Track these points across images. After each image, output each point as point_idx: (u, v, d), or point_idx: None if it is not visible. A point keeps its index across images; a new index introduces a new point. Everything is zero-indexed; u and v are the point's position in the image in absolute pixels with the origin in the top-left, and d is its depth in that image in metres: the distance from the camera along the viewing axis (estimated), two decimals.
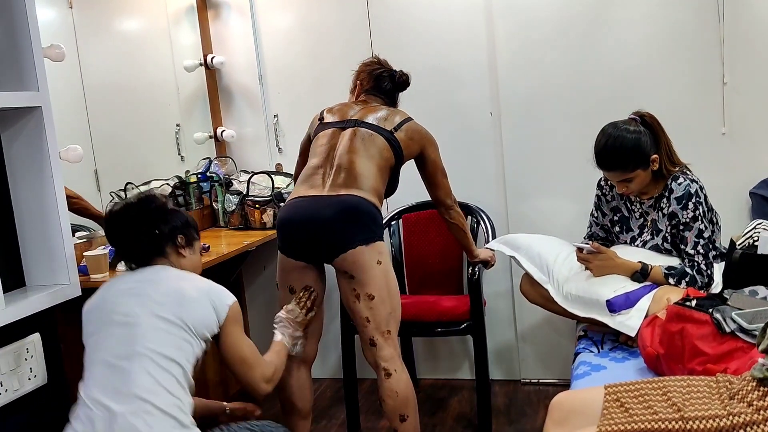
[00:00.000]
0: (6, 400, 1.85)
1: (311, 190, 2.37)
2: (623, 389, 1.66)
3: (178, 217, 1.97)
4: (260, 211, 3.24)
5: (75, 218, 2.51)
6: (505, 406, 3.16)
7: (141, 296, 1.81)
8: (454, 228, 2.72)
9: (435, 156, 2.57)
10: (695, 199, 2.33)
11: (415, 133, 2.51)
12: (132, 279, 1.89)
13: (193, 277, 1.91)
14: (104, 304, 1.85)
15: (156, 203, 1.95)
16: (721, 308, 1.93)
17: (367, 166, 2.38)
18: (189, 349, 1.79)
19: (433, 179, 2.61)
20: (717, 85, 2.92)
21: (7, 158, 1.95)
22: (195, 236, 2.02)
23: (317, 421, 3.11)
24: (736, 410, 1.49)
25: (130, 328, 1.76)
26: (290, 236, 2.37)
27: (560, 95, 3.12)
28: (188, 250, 1.97)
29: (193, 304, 1.81)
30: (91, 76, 2.79)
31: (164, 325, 1.77)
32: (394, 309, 2.37)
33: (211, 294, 1.85)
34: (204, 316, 1.82)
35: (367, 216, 2.32)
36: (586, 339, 2.43)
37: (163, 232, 1.91)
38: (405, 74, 2.67)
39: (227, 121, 3.61)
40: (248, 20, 3.48)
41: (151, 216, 1.91)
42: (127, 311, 1.79)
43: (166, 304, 1.79)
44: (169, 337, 1.76)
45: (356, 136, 2.42)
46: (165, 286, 1.83)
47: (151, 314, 1.77)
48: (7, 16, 1.86)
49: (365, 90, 2.64)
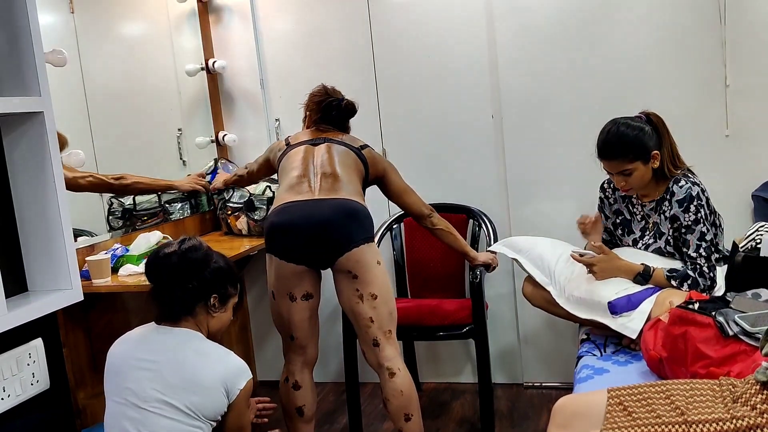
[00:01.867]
0: (8, 406, 1.84)
1: (300, 195, 2.38)
2: (626, 393, 1.65)
3: (219, 273, 1.94)
4: (234, 217, 3.24)
5: (77, 223, 2.51)
6: (508, 410, 3.15)
7: (154, 374, 1.83)
8: (442, 233, 2.76)
9: (397, 177, 2.66)
10: (697, 202, 2.33)
11: (377, 156, 2.63)
12: (151, 347, 1.88)
13: (212, 357, 1.88)
14: (122, 368, 1.88)
15: (197, 254, 1.92)
16: (724, 311, 1.92)
17: (349, 173, 2.45)
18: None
19: (402, 198, 2.68)
20: (719, 88, 2.92)
21: (9, 163, 1.95)
22: (232, 292, 1.99)
23: (319, 425, 3.10)
24: (740, 413, 1.48)
25: (142, 413, 1.81)
26: (288, 240, 2.36)
27: (561, 98, 3.12)
28: (220, 309, 1.96)
29: (206, 394, 1.83)
30: (93, 80, 2.79)
31: (174, 414, 1.81)
32: (393, 310, 2.42)
33: (227, 381, 1.86)
34: (216, 404, 1.86)
35: (364, 217, 2.38)
36: (589, 342, 2.43)
37: (196, 288, 1.90)
38: (351, 102, 2.68)
39: (229, 125, 3.61)
40: (249, 24, 3.49)
41: (191, 268, 1.90)
42: (140, 390, 1.82)
43: (179, 391, 1.81)
44: (178, 426, 1.80)
45: (331, 149, 2.50)
46: (182, 370, 1.83)
47: (162, 401, 1.80)
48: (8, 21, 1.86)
49: (314, 121, 2.66)
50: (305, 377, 2.50)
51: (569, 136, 3.10)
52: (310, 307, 2.45)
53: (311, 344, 2.49)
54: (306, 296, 2.42)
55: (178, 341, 1.88)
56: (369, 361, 2.42)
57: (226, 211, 3.26)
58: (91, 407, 2.52)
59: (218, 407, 1.86)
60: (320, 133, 2.59)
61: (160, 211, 3.10)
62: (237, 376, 1.88)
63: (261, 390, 3.51)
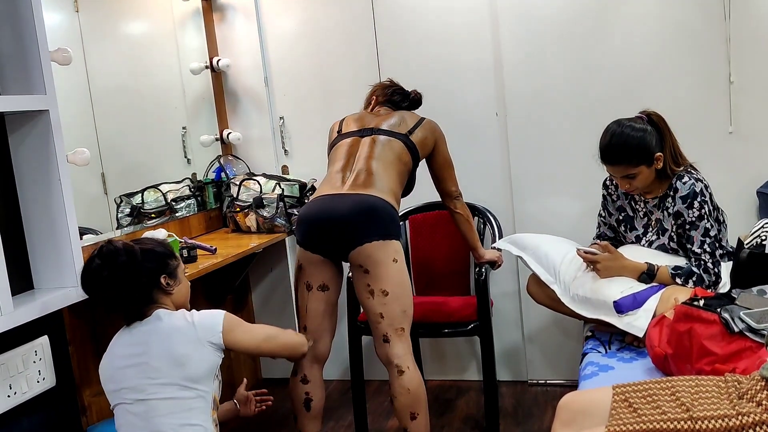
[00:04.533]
0: (15, 403, 1.85)
1: (331, 189, 2.44)
2: (631, 389, 1.65)
3: (152, 258, 1.94)
4: (243, 214, 3.25)
5: (82, 221, 2.52)
6: (513, 407, 3.15)
7: (140, 366, 1.86)
8: (461, 219, 2.79)
9: (445, 149, 2.69)
10: (700, 198, 2.33)
11: (428, 132, 2.62)
12: (128, 344, 1.91)
13: (180, 326, 1.90)
14: (113, 375, 1.91)
15: (122, 257, 1.90)
16: (729, 308, 1.92)
17: (386, 169, 2.46)
18: (203, 398, 1.87)
19: (442, 172, 2.71)
20: (723, 84, 2.91)
21: (15, 161, 1.96)
22: (174, 264, 2.00)
23: (325, 422, 3.10)
24: (745, 410, 1.48)
25: (144, 404, 1.84)
26: (308, 230, 2.42)
27: (566, 94, 3.11)
28: (174, 283, 1.97)
29: (190, 359, 1.86)
30: (98, 79, 2.80)
31: (172, 393, 1.84)
32: (407, 308, 2.40)
33: (207, 335, 1.90)
34: (210, 362, 1.89)
35: (385, 214, 2.37)
36: (594, 339, 2.43)
37: (144, 284, 1.91)
38: (418, 93, 2.79)
39: (233, 123, 3.62)
40: (254, 23, 3.49)
41: (125, 271, 1.89)
42: (133, 385, 1.85)
43: (169, 370, 1.84)
44: (179, 403, 1.84)
45: (375, 143, 2.52)
46: (158, 349, 1.86)
47: (155, 384, 1.84)
48: (14, 21, 1.87)
49: (380, 103, 2.75)
50: (314, 372, 2.50)
51: (573, 132, 3.10)
52: (325, 299, 2.47)
53: (323, 339, 2.49)
54: (322, 287, 2.45)
55: (150, 328, 1.90)
56: (379, 356, 2.43)
57: (234, 208, 3.27)
58: (96, 404, 2.53)
59: (213, 363, 1.90)
60: (373, 119, 2.62)
61: (167, 209, 3.11)
62: (212, 325, 1.91)
63: (266, 386, 3.51)
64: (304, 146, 3.53)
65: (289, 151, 3.56)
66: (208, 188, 3.39)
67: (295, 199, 3.24)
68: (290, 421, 2.64)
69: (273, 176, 3.36)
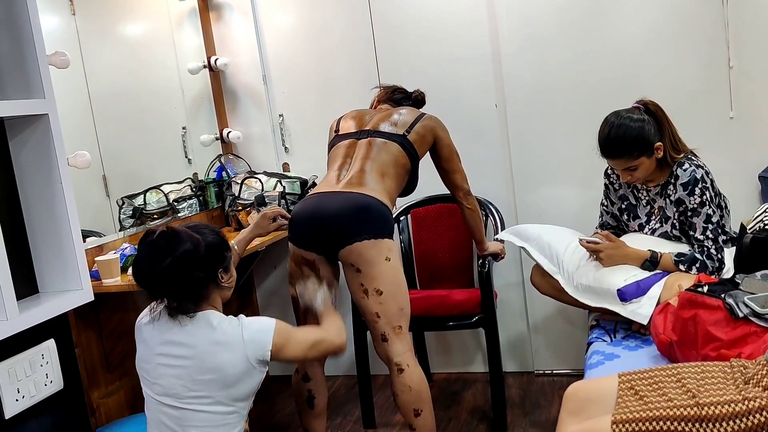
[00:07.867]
0: (23, 407, 1.86)
1: (327, 187, 2.43)
2: (637, 377, 1.66)
3: (213, 250, 1.83)
4: (246, 213, 3.25)
5: (85, 224, 2.52)
6: (520, 398, 3.16)
7: (182, 371, 1.78)
8: (472, 215, 2.74)
9: (448, 141, 2.62)
10: (702, 185, 2.32)
11: (426, 128, 2.56)
12: (170, 341, 1.82)
13: (232, 341, 1.79)
14: (149, 358, 1.84)
15: (187, 244, 1.77)
16: (733, 293, 1.92)
17: (382, 171, 2.44)
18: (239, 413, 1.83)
19: (449, 165, 2.65)
20: (723, 69, 2.90)
21: (16, 166, 1.96)
22: (229, 256, 1.89)
23: (332, 418, 3.12)
24: (752, 395, 1.48)
25: (178, 411, 1.79)
26: (298, 227, 2.40)
27: (565, 84, 3.11)
28: (227, 277, 1.89)
29: (239, 381, 1.79)
30: (96, 81, 2.80)
31: (210, 407, 1.78)
32: (404, 306, 2.37)
33: (250, 352, 1.79)
34: (252, 381, 1.82)
35: (377, 213, 2.34)
36: (599, 328, 2.43)
37: (202, 278, 1.80)
38: (422, 93, 2.78)
39: (233, 122, 3.62)
40: (251, 21, 3.49)
41: (187, 263, 1.77)
42: (171, 389, 1.79)
43: (210, 385, 1.77)
44: (215, 417, 1.79)
45: (372, 145, 2.49)
46: (207, 363, 1.77)
47: (195, 396, 1.78)
48: (10, 25, 1.87)
49: (381, 101, 2.75)
50: (316, 370, 2.50)
51: (573, 122, 3.10)
52: None
53: None
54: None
55: (200, 333, 1.79)
56: (379, 354, 2.43)
57: (236, 207, 3.28)
58: (105, 406, 2.54)
59: (258, 382, 1.83)
60: (371, 117, 2.60)
61: (169, 210, 3.11)
62: (263, 343, 1.80)
63: (272, 384, 3.53)
64: (305, 143, 3.54)
65: (290, 148, 3.56)
66: (210, 188, 3.41)
67: (296, 196, 3.24)
68: (295, 419, 2.64)
69: (274, 174, 3.37)
